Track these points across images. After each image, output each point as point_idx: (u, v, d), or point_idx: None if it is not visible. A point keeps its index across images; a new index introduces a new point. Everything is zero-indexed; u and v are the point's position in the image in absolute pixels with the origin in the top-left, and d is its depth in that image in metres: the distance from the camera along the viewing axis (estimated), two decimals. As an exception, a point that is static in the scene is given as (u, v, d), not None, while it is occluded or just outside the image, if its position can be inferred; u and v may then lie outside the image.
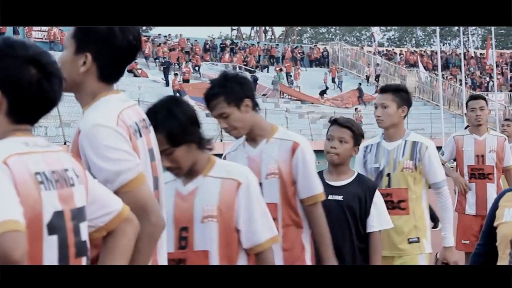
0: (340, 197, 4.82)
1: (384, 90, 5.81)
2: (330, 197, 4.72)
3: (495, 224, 3.22)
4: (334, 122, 4.93)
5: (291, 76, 46.74)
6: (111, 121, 2.93)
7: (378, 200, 4.92)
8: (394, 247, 5.52)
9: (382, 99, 5.70)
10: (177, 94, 37.32)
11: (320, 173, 4.81)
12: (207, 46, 48.18)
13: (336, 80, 48.56)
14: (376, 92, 46.46)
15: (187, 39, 47.37)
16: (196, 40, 47.67)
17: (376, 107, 5.74)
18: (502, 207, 3.21)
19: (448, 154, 8.16)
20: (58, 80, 2.42)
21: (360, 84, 47.53)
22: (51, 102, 2.42)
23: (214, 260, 3.49)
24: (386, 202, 5.24)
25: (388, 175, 5.65)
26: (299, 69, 47.80)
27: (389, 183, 5.64)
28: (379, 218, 4.88)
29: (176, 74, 38.83)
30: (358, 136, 4.90)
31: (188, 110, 3.55)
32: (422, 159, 5.58)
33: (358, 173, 5.07)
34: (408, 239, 5.52)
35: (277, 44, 53.77)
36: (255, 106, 4.26)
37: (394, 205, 5.56)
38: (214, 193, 3.53)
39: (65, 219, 2.32)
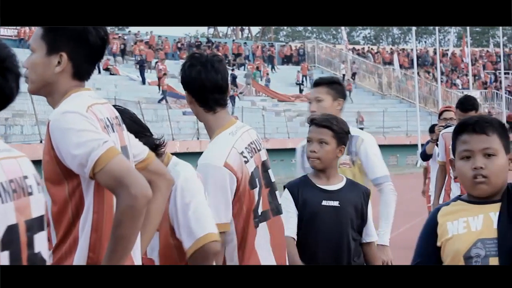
0: (336, 203, 4.32)
1: (317, 83, 5.45)
2: (324, 202, 4.31)
3: (438, 243, 2.87)
4: (311, 122, 4.46)
5: (267, 74, 46.75)
6: (80, 108, 2.90)
7: (370, 207, 4.50)
8: None
9: (316, 93, 5.35)
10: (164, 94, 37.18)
11: (305, 177, 4.48)
12: (179, 44, 47.92)
13: (308, 77, 48.58)
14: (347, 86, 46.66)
15: (159, 36, 47.14)
16: (166, 38, 47.43)
17: (310, 102, 5.40)
18: (443, 223, 2.88)
19: (443, 154, 7.63)
20: (14, 75, 2.27)
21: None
22: (6, 99, 2.25)
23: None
24: None
25: None
26: (266, 68, 47.63)
27: None
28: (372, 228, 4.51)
29: (165, 74, 38.40)
30: (340, 135, 4.39)
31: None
32: (358, 152, 5.24)
33: (346, 177, 4.55)
34: None
35: (245, 42, 53.63)
36: (203, 104, 3.91)
37: None
38: None
39: (19, 232, 2.17)
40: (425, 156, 9.55)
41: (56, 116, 2.88)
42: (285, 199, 4.34)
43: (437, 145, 8.74)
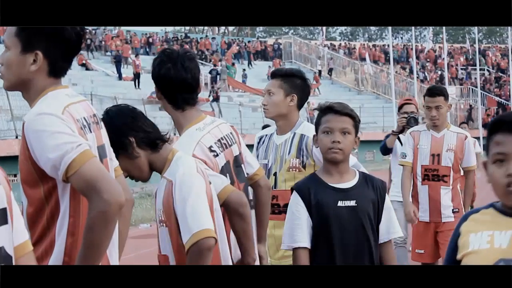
0: (352, 203, 3.79)
1: (273, 75, 5.00)
2: (340, 203, 3.78)
3: (458, 256, 2.50)
4: (329, 110, 3.87)
5: (244, 70, 46.66)
6: (56, 110, 2.88)
7: (389, 202, 3.97)
8: (282, 256, 4.79)
9: (269, 85, 4.93)
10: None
11: (313, 175, 3.94)
12: (150, 39, 47.60)
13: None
14: (314, 80, 46.73)
15: (127, 31, 46.77)
16: (134, 33, 47.12)
17: (265, 94, 5.01)
18: (465, 233, 2.49)
19: (410, 155, 7.06)
20: None
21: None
22: None
23: (175, 261, 3.39)
24: (272, 205, 4.48)
25: (275, 174, 4.87)
26: (235, 64, 47.38)
27: (275, 183, 4.84)
28: (395, 223, 3.95)
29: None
30: (358, 124, 3.91)
31: (116, 120, 3.45)
32: (311, 155, 4.82)
33: (358, 170, 4.02)
34: None
35: (214, 38, 53.50)
36: (171, 101, 3.90)
37: (281, 209, 4.69)
38: (161, 196, 3.41)
39: None
40: (385, 150, 8.69)
41: (31, 117, 2.85)
42: (295, 204, 3.85)
43: (400, 142, 8.17)
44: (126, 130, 3.44)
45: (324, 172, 3.88)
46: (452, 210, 6.93)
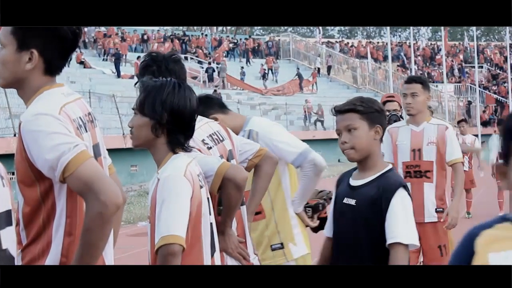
0: (353, 202, 3.64)
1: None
2: (345, 200, 3.69)
3: None
4: (334, 112, 3.78)
5: (242, 68, 46.67)
6: (52, 110, 2.88)
7: (399, 204, 3.58)
8: (262, 258, 4.67)
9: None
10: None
11: (354, 168, 3.80)
12: (145, 37, 47.58)
13: (273, 70, 48.52)
14: (312, 76, 46.82)
15: (118, 27, 46.50)
16: (124, 29, 46.88)
17: None
18: (483, 253, 1.98)
19: (389, 153, 6.59)
20: None
21: (298, 69, 47.82)
22: None
23: (151, 261, 3.34)
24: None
25: None
26: (226, 63, 47.37)
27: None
28: (399, 227, 3.55)
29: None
30: (369, 114, 3.68)
31: (184, 105, 3.38)
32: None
33: (390, 168, 3.75)
34: (271, 246, 4.70)
35: (206, 35, 53.50)
36: None
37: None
38: (151, 193, 3.35)
39: None
40: None
41: (28, 118, 2.84)
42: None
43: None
44: (174, 113, 3.38)
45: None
46: (436, 209, 6.47)
